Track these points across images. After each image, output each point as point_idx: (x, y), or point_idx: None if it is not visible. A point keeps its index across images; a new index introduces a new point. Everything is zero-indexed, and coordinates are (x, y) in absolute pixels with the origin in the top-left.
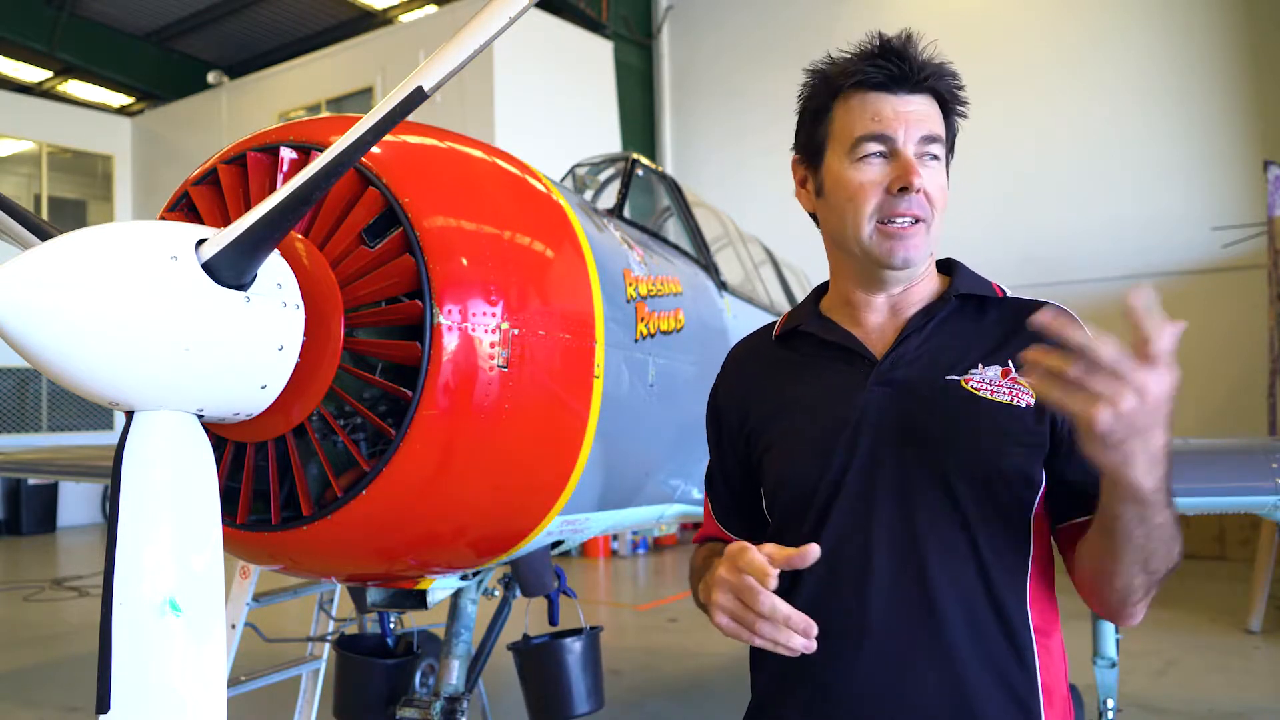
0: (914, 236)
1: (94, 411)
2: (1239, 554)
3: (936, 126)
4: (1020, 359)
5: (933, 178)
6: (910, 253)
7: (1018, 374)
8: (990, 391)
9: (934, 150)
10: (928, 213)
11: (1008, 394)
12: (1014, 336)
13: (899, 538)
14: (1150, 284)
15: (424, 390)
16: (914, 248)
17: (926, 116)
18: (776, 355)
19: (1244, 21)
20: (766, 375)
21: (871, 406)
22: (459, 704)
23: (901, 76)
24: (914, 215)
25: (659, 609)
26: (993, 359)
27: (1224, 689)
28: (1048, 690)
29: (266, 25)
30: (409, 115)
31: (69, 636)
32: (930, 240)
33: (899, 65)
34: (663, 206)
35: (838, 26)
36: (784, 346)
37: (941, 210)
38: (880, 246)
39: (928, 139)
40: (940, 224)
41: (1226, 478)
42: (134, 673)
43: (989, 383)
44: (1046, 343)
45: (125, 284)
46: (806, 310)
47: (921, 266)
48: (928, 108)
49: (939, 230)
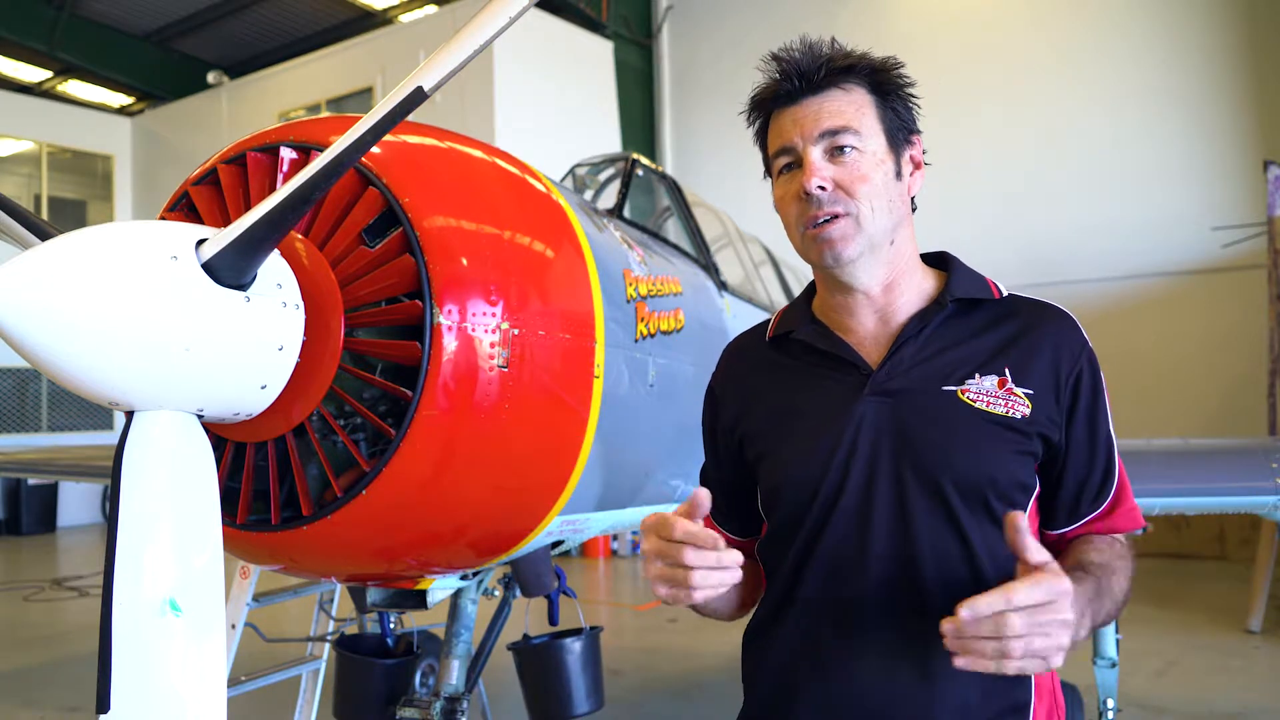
0: (835, 232)
1: (94, 411)
2: (1239, 554)
3: (845, 117)
4: (1013, 371)
5: (849, 167)
6: (837, 248)
7: (1014, 384)
8: (986, 403)
9: (845, 140)
10: (848, 204)
11: (1004, 405)
12: (1012, 344)
13: (896, 547)
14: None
15: (424, 390)
16: (839, 242)
17: (827, 112)
18: (771, 358)
19: (1244, 22)
20: (762, 379)
21: (868, 417)
22: (459, 704)
23: (800, 86)
24: (829, 213)
25: (659, 609)
26: (989, 368)
27: (1224, 689)
28: (1039, 686)
29: (266, 25)
30: (409, 115)
31: (69, 636)
32: (865, 230)
33: (796, 76)
34: (663, 206)
35: (837, 26)
36: (778, 350)
37: (876, 196)
38: (810, 252)
39: (830, 132)
40: (885, 210)
41: (1226, 478)
42: (134, 673)
43: (985, 393)
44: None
45: (125, 284)
46: (799, 313)
47: (868, 258)
48: (832, 103)
49: (884, 217)
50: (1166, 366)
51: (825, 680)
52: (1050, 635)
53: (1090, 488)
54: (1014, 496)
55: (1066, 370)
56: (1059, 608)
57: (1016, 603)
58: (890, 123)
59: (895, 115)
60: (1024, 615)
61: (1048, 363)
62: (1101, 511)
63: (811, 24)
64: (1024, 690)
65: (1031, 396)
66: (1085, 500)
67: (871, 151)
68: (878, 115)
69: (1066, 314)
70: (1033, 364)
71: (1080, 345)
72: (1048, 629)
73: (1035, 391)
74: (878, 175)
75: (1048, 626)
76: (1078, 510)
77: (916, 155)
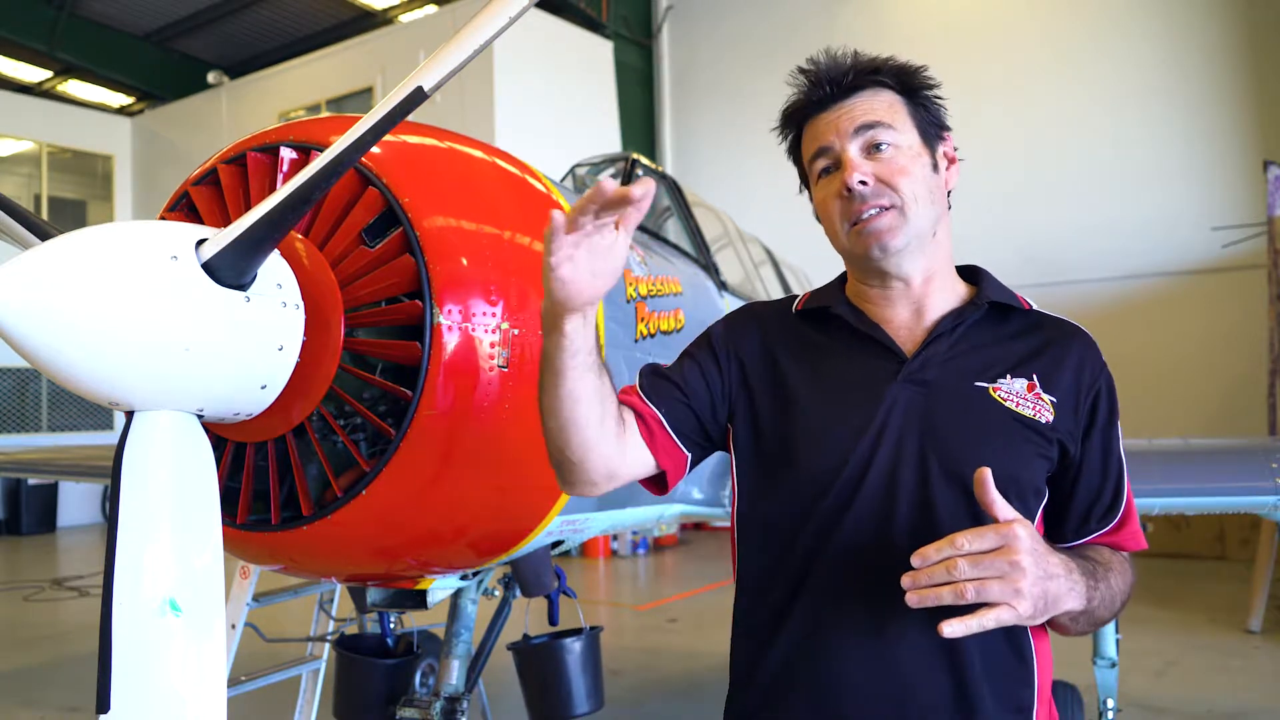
0: (882, 224)
1: (94, 411)
2: (1239, 554)
3: (877, 113)
4: (1032, 375)
5: (887, 162)
6: (885, 239)
7: (1041, 390)
8: (1016, 403)
9: (881, 136)
10: (892, 197)
11: (1031, 408)
12: (1041, 353)
13: (918, 535)
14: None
15: (424, 390)
16: (886, 234)
17: (860, 110)
18: (801, 330)
19: (1244, 22)
20: (794, 344)
21: (900, 402)
22: (459, 704)
23: (830, 92)
24: (876, 206)
25: (659, 609)
26: (1020, 371)
27: (1224, 689)
28: (1040, 686)
29: (266, 25)
30: (409, 115)
31: (69, 636)
32: (911, 221)
33: (826, 83)
34: (663, 206)
35: (837, 26)
36: (809, 324)
37: (918, 187)
38: (858, 247)
39: (865, 127)
40: (927, 200)
41: (1226, 478)
42: (134, 673)
43: (1015, 394)
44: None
45: (125, 284)
46: (833, 293)
47: (914, 248)
48: (864, 102)
49: (927, 208)
50: (1166, 366)
51: (831, 674)
52: (1005, 578)
53: (1100, 505)
54: (1029, 499)
55: (1087, 386)
56: (1009, 550)
57: (962, 548)
58: (921, 119)
59: (925, 112)
60: (971, 560)
61: (1071, 376)
62: (1108, 530)
63: (811, 24)
64: (1028, 695)
65: (1056, 405)
66: (1094, 517)
67: (908, 145)
68: (909, 112)
69: (1089, 335)
70: (1058, 375)
71: (1100, 366)
72: (1000, 570)
73: (1059, 400)
74: (917, 168)
75: (999, 568)
76: (1085, 526)
77: (949, 151)
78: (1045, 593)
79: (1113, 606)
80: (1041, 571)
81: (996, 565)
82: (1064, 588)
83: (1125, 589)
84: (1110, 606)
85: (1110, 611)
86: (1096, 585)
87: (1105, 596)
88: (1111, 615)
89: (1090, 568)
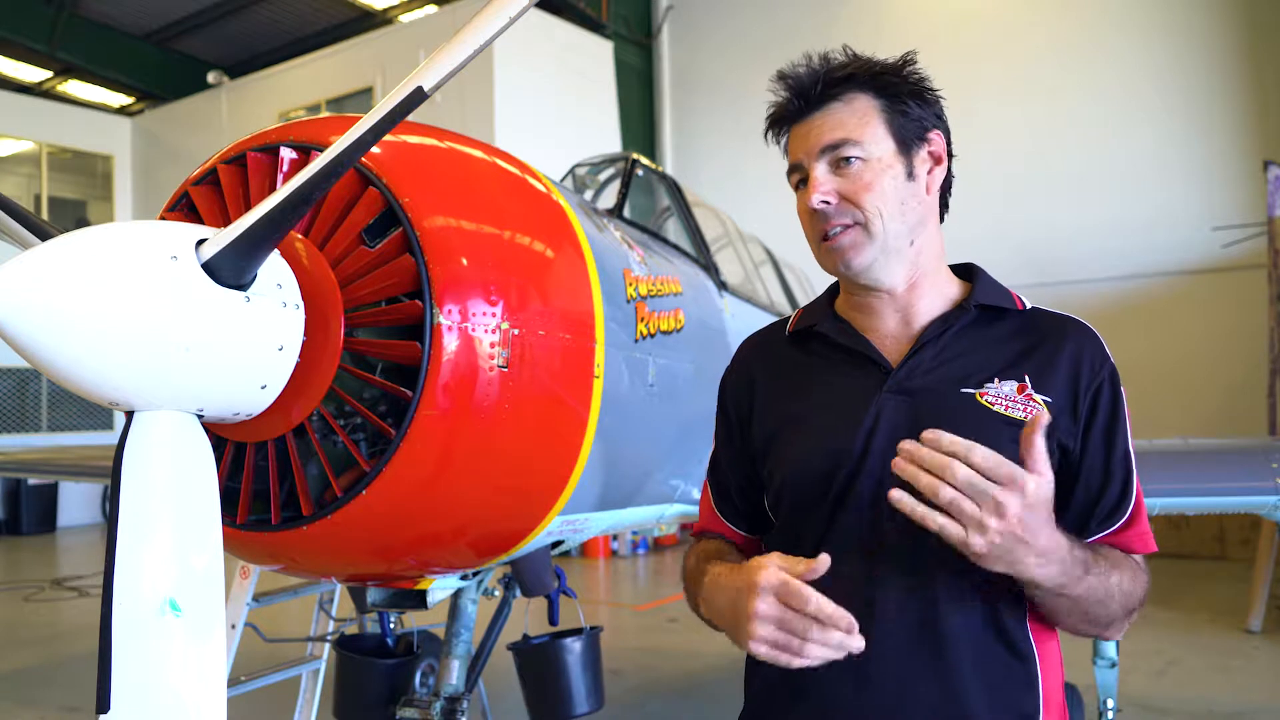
0: (845, 241)
1: (94, 411)
2: (1239, 554)
3: (846, 128)
4: (1031, 376)
5: (853, 178)
6: (848, 257)
7: (1033, 390)
8: (1005, 407)
9: (847, 152)
10: (855, 214)
11: (1022, 410)
12: (1033, 352)
13: (906, 547)
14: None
15: (424, 390)
16: (849, 251)
17: (828, 126)
18: (789, 353)
19: (1244, 22)
20: (779, 372)
21: (886, 414)
22: (459, 704)
23: (801, 104)
24: (839, 225)
25: (659, 609)
26: (1009, 373)
27: (1224, 689)
28: (1047, 698)
29: (266, 25)
30: (409, 115)
31: (69, 636)
32: (876, 237)
33: (797, 96)
34: (663, 206)
35: (837, 26)
36: (797, 345)
37: (884, 201)
38: (826, 264)
39: (830, 146)
40: (897, 214)
41: (1226, 478)
42: (134, 673)
43: (1004, 398)
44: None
45: (125, 284)
46: (820, 310)
47: (884, 262)
48: (832, 117)
49: (895, 222)
50: (1166, 366)
51: (827, 686)
52: (983, 507)
53: (1102, 508)
54: None
55: (1086, 382)
56: (1007, 490)
57: (972, 458)
58: (899, 124)
59: (904, 116)
60: (971, 474)
61: (1068, 373)
62: (1114, 530)
63: (811, 23)
64: (1032, 700)
65: (1050, 404)
66: (1095, 519)
67: (877, 158)
68: (884, 120)
69: (1090, 328)
70: (1053, 373)
71: (1102, 359)
72: (984, 498)
73: (1055, 399)
74: (884, 181)
75: (984, 496)
76: (1085, 528)
77: (936, 150)
78: (1011, 550)
79: (1107, 603)
80: (1022, 530)
81: (985, 493)
82: (1031, 558)
83: (1129, 589)
84: (1104, 603)
85: (1105, 609)
86: (1084, 575)
87: (1096, 589)
88: (1109, 615)
89: (1088, 557)
